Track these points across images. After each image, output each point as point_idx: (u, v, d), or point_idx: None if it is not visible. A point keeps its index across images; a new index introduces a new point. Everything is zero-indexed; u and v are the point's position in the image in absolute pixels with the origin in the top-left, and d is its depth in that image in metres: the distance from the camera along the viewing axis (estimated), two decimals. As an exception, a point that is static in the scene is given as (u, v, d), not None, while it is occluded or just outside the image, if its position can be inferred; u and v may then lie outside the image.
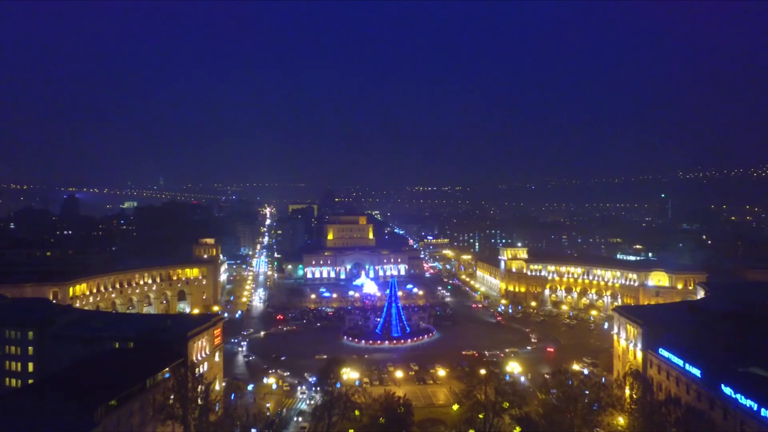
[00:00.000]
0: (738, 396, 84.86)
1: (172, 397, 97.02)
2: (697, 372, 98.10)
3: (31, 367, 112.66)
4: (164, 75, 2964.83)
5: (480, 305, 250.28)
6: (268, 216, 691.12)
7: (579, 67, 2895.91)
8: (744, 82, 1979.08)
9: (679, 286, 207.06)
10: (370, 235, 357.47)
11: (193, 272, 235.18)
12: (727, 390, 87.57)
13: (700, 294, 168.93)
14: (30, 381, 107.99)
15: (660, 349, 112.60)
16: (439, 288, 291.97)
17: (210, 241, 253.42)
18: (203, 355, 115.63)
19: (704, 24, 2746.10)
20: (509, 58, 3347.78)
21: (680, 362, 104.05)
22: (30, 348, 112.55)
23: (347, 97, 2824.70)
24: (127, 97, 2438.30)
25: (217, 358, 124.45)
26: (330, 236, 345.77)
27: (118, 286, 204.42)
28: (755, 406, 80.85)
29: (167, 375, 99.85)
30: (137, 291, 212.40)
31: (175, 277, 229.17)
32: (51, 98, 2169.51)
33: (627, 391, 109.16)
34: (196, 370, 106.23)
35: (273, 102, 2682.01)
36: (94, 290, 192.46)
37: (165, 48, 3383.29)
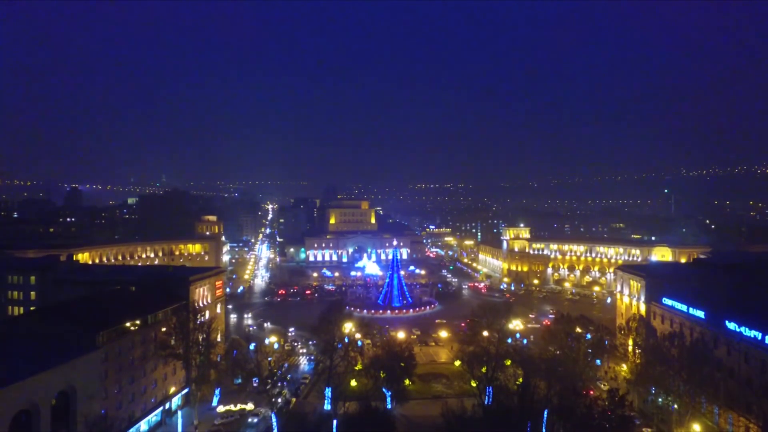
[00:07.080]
0: (742, 329, 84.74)
1: (173, 337, 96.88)
2: (700, 314, 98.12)
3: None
4: (167, 74, 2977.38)
5: (482, 284, 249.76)
6: (270, 212, 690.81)
7: (582, 66, 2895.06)
8: (748, 81, 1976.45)
9: (683, 261, 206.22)
10: (372, 220, 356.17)
11: (195, 248, 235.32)
12: (731, 325, 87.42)
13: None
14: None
15: (663, 299, 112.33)
16: (442, 270, 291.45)
17: (212, 218, 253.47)
18: (205, 303, 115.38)
19: (707, 21, 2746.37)
20: (512, 56, 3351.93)
21: (684, 307, 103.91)
22: (32, 293, 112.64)
23: (349, 96, 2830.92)
24: (128, 96, 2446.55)
25: (218, 310, 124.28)
26: (332, 220, 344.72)
27: (120, 257, 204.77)
28: (759, 336, 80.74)
29: (170, 315, 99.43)
30: (139, 264, 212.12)
31: (177, 252, 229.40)
32: (51, 98, 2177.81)
33: (630, 344, 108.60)
34: (198, 316, 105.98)
35: (275, 101, 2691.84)
36: (97, 260, 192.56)
37: (169, 47, 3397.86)
